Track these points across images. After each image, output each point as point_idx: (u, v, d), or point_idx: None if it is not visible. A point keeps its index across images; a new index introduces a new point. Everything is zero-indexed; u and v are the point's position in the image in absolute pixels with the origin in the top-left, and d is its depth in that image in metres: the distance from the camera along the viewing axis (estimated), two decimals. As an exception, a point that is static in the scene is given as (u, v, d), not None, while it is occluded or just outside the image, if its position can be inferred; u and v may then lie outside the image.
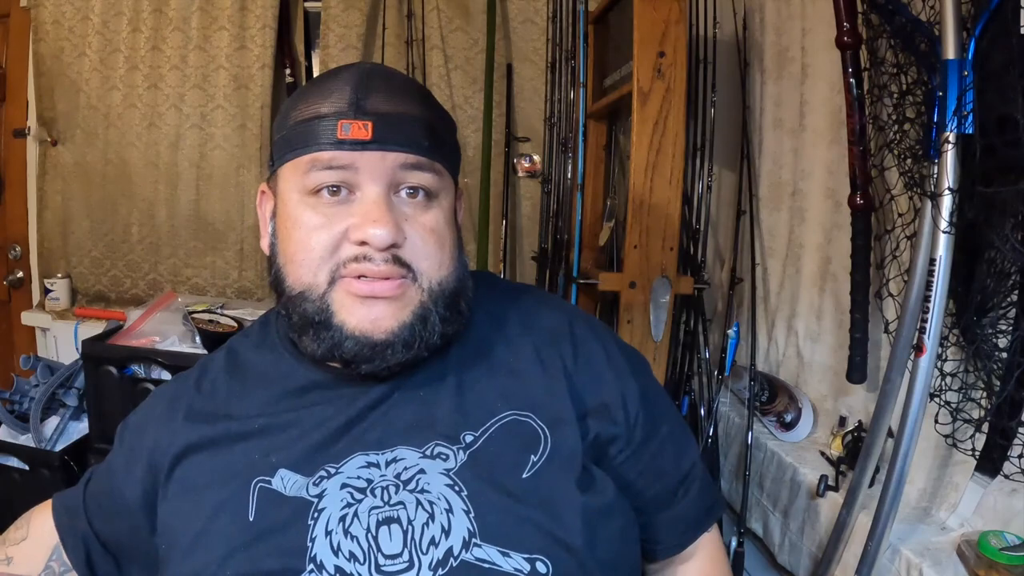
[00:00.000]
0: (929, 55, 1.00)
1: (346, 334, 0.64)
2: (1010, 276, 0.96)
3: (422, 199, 0.66)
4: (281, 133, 0.69)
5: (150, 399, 0.78)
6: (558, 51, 1.92)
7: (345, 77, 0.66)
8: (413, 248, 0.65)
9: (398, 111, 0.65)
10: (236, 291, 2.34)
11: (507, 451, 0.65)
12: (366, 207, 0.63)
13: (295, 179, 0.66)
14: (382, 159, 0.63)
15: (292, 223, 0.65)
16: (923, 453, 1.11)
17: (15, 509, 0.81)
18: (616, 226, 1.66)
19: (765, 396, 1.55)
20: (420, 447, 0.65)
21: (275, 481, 0.65)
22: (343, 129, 0.63)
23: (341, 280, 0.64)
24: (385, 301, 0.64)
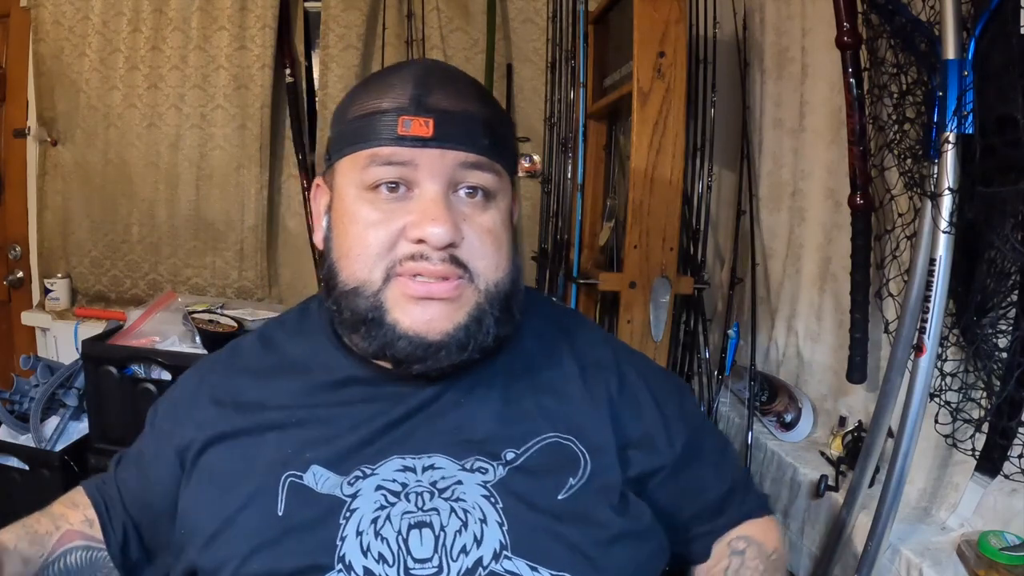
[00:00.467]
0: (929, 55, 0.99)
1: (399, 333, 0.63)
2: (1010, 276, 0.96)
3: (480, 199, 0.66)
4: (339, 127, 0.68)
5: (181, 382, 0.77)
6: (558, 51, 1.91)
7: (405, 73, 0.66)
8: (470, 248, 0.64)
9: (459, 109, 0.65)
10: (236, 291, 2.34)
11: (547, 471, 0.65)
12: (424, 205, 0.63)
13: (353, 174, 0.65)
14: (442, 157, 0.63)
15: (349, 218, 0.65)
16: (923, 453, 1.11)
17: (15, 509, 0.78)
18: (616, 226, 1.66)
19: (765, 396, 1.55)
20: (459, 459, 0.65)
21: (307, 477, 0.64)
22: (404, 125, 0.63)
23: (396, 279, 0.63)
24: (441, 302, 0.63)
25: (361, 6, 2.16)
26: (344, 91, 2.15)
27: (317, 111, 2.23)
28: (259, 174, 2.24)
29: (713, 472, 0.76)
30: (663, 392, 0.75)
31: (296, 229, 2.32)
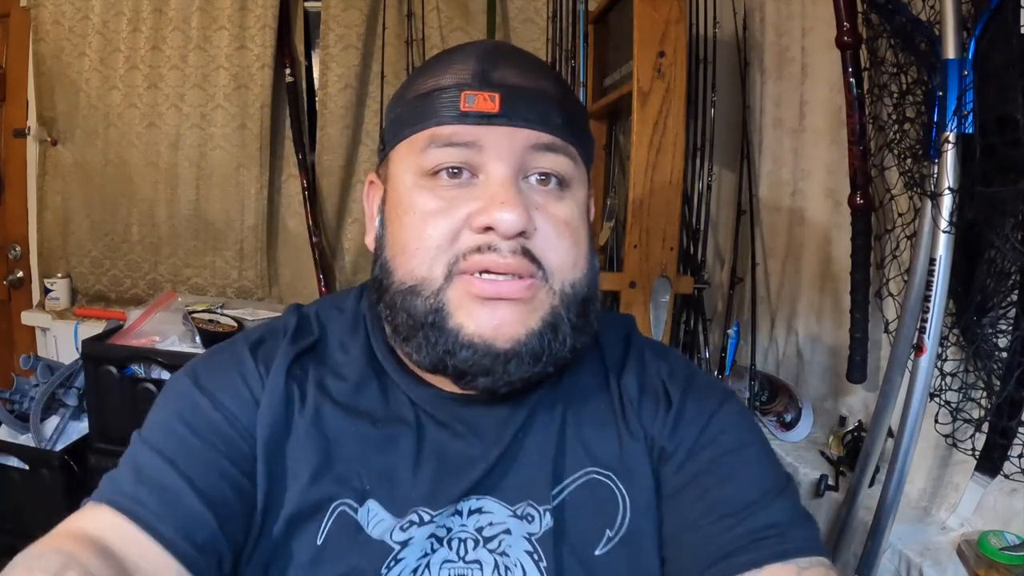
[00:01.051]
0: (929, 55, 1.00)
1: (463, 340, 0.54)
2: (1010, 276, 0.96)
3: (555, 187, 0.58)
4: (394, 112, 0.61)
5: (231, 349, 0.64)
6: (558, 51, 1.92)
7: (468, 50, 0.60)
8: (545, 240, 0.56)
9: (528, 85, 0.57)
10: (236, 291, 2.34)
11: (585, 519, 0.58)
12: (492, 189, 0.55)
13: (410, 159, 0.58)
14: (511, 136, 0.56)
15: (405, 208, 0.57)
16: (923, 453, 1.11)
17: (15, 509, 0.76)
18: (616, 226, 1.66)
19: (765, 396, 1.55)
20: (512, 504, 0.58)
21: (361, 512, 0.57)
22: (467, 100, 0.56)
23: (460, 276, 0.55)
24: (512, 303, 0.55)
25: (361, 6, 2.16)
26: (344, 91, 2.17)
27: (317, 111, 2.23)
28: (259, 174, 2.24)
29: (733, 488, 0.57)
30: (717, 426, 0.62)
31: (296, 229, 2.32)
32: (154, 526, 0.51)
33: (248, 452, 0.57)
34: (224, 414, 0.58)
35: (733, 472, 0.58)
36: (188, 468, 0.54)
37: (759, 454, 0.60)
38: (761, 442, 0.62)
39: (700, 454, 0.59)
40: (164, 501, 0.52)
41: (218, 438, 0.57)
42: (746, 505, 0.55)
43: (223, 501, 0.54)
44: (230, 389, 0.60)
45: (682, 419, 0.61)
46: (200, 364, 0.63)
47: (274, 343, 0.64)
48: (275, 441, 0.58)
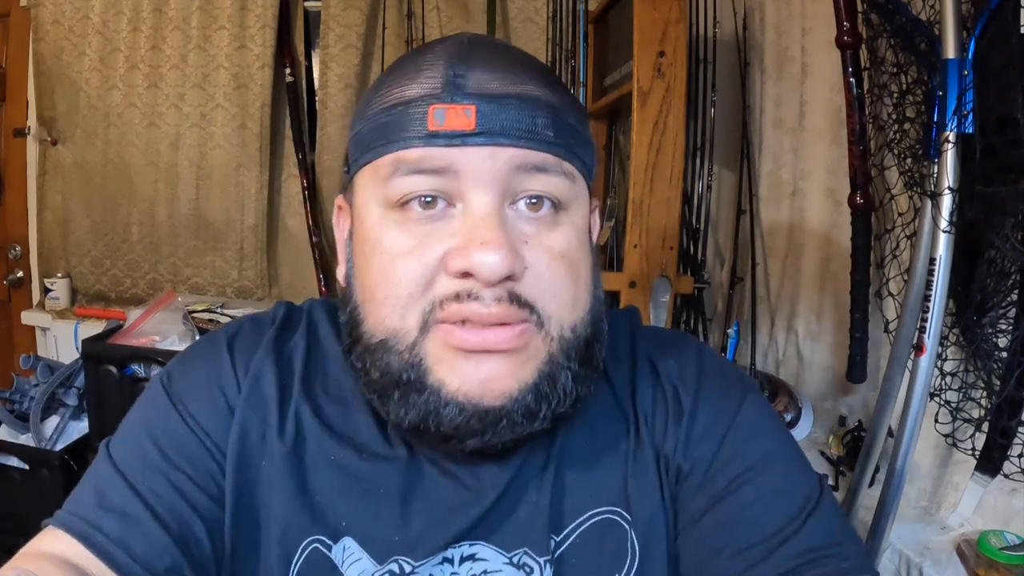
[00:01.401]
0: (929, 55, 1.00)
1: (445, 398, 0.47)
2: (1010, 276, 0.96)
3: (548, 212, 0.49)
4: (357, 128, 0.51)
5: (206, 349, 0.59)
6: (558, 51, 1.92)
7: (438, 50, 0.49)
8: (537, 280, 0.47)
9: (511, 91, 0.47)
10: (236, 291, 2.34)
11: (590, 566, 0.52)
12: (470, 224, 0.46)
13: (374, 187, 0.49)
14: (491, 157, 0.46)
15: (372, 246, 0.49)
16: (923, 453, 1.12)
17: (15, 509, 0.75)
18: (616, 226, 1.66)
19: (765, 395, 1.55)
20: (508, 552, 0.52)
21: (335, 550, 0.51)
22: (436, 117, 0.46)
23: (437, 326, 0.47)
24: (500, 355, 0.47)
25: (361, 6, 2.16)
26: (344, 91, 2.17)
27: (317, 111, 2.23)
28: (259, 174, 2.24)
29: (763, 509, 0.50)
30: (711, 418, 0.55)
31: (296, 229, 2.32)
32: (111, 555, 0.48)
33: (218, 470, 0.53)
34: (192, 427, 0.53)
35: (760, 490, 0.51)
36: (150, 493, 0.50)
37: (787, 462, 0.53)
38: (787, 444, 0.55)
39: (720, 472, 0.52)
40: (123, 528, 0.49)
41: (183, 457, 0.52)
42: (779, 529, 0.48)
43: (188, 528, 0.50)
44: (202, 394, 0.55)
45: (695, 431, 0.54)
46: (175, 366, 0.59)
47: (255, 338, 0.58)
48: (247, 463, 0.53)
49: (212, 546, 0.51)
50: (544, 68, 0.52)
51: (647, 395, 0.56)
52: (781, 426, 0.57)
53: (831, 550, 0.47)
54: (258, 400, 0.54)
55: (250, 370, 0.55)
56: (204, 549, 0.51)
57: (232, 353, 0.57)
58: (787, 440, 0.55)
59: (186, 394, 0.55)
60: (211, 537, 0.51)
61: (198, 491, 0.51)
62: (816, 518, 0.49)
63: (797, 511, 0.49)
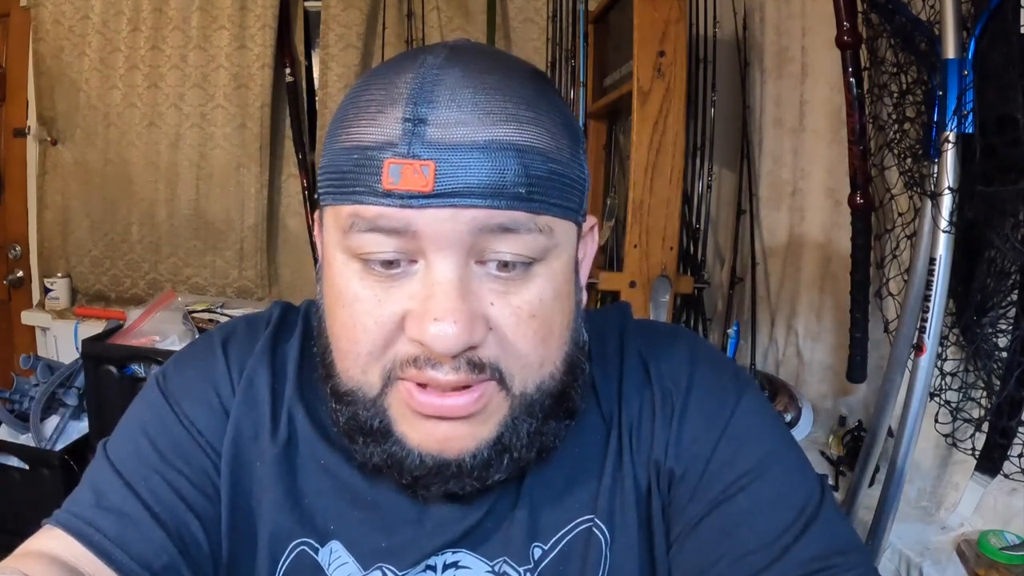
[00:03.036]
0: (929, 54, 1.00)
1: (407, 450, 0.47)
2: (1010, 276, 0.96)
3: (519, 271, 0.45)
4: (325, 155, 0.49)
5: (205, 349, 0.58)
6: (558, 50, 1.92)
7: (404, 77, 0.44)
8: (501, 342, 0.45)
9: (479, 139, 0.42)
10: (236, 290, 2.34)
11: (570, 573, 0.52)
12: (428, 290, 0.43)
13: (336, 233, 0.47)
14: (452, 219, 0.42)
15: (335, 296, 0.47)
16: (923, 453, 1.12)
17: (15, 509, 0.75)
18: (616, 225, 1.66)
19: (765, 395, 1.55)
20: (490, 560, 0.52)
21: (322, 553, 0.52)
22: (390, 174, 0.42)
23: (399, 383, 0.46)
24: (459, 419, 0.46)
25: (361, 6, 2.16)
26: (344, 91, 2.16)
27: (317, 111, 2.23)
28: (259, 173, 2.24)
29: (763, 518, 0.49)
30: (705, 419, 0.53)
31: (296, 229, 2.32)
32: (109, 552, 0.48)
33: (213, 469, 0.53)
34: (187, 427, 0.54)
35: (759, 495, 0.49)
36: (147, 491, 0.50)
37: (786, 464, 0.51)
38: (786, 445, 0.53)
39: (716, 477, 0.51)
40: (121, 527, 0.49)
41: (179, 456, 0.52)
42: (779, 535, 0.47)
43: (185, 527, 0.51)
44: (197, 395, 0.55)
45: (686, 434, 0.52)
46: (171, 366, 0.59)
47: (250, 339, 0.57)
48: (241, 463, 0.53)
49: (209, 545, 0.52)
50: (526, 94, 0.45)
51: (635, 402, 0.55)
52: (779, 425, 0.55)
53: (836, 559, 0.46)
54: (252, 402, 0.55)
55: (244, 372, 0.55)
56: (201, 548, 0.51)
57: (227, 354, 0.57)
58: (786, 440, 0.53)
59: (181, 394, 0.55)
60: (208, 536, 0.51)
61: (194, 490, 0.52)
62: (818, 524, 0.48)
63: (797, 515, 0.48)
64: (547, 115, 0.45)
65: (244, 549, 0.53)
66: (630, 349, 0.58)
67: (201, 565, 0.51)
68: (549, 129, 0.45)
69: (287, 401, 0.55)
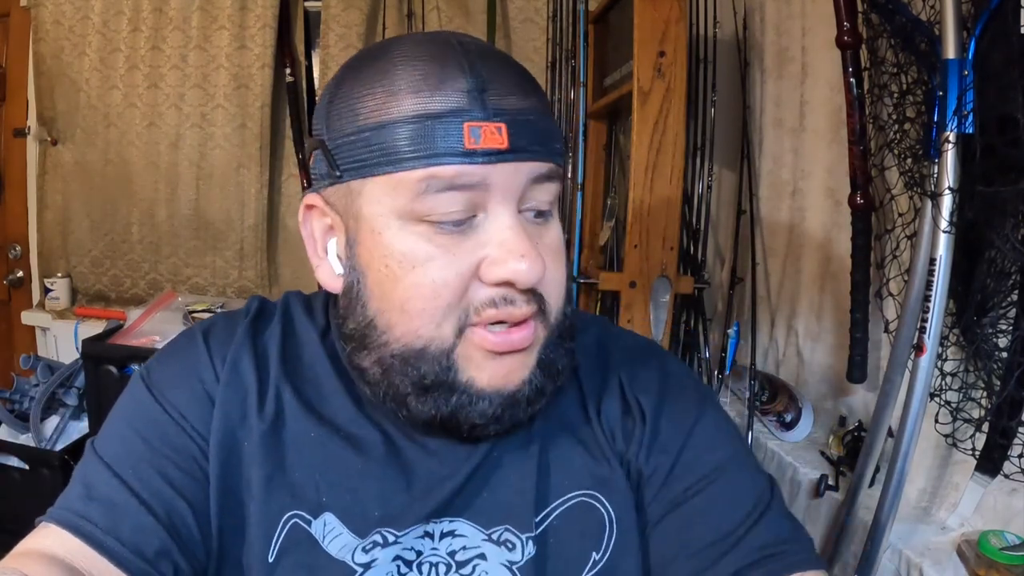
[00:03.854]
0: (929, 55, 1.00)
1: (476, 394, 0.51)
2: (1010, 276, 0.96)
3: (545, 217, 0.54)
4: (348, 135, 0.50)
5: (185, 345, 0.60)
6: (558, 50, 1.91)
7: (442, 57, 0.49)
8: (549, 277, 0.52)
9: (525, 106, 0.50)
10: (236, 290, 2.34)
11: (570, 544, 0.55)
12: (503, 235, 0.49)
13: (396, 200, 0.49)
14: (515, 172, 0.49)
15: (399, 260, 0.50)
16: (923, 453, 1.11)
17: (15, 509, 0.76)
18: (616, 226, 1.66)
19: (765, 396, 1.55)
20: (487, 528, 0.54)
21: (315, 525, 0.53)
22: (471, 135, 0.47)
23: (471, 330, 0.50)
24: (519, 352, 0.52)
25: (361, 6, 2.16)
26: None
27: (317, 111, 2.24)
28: (259, 173, 2.24)
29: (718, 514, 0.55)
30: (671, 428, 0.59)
31: (296, 229, 2.31)
32: (100, 541, 0.49)
33: (200, 454, 0.54)
34: (172, 415, 0.55)
35: (714, 497, 0.55)
36: (136, 480, 0.52)
37: (739, 470, 0.57)
38: (740, 453, 0.59)
39: (677, 480, 0.56)
40: (112, 516, 0.50)
41: (165, 443, 0.54)
42: (731, 530, 0.53)
43: (174, 512, 0.52)
44: (181, 384, 0.56)
45: (657, 440, 0.58)
46: (154, 361, 0.60)
47: (229, 329, 0.59)
48: (230, 445, 0.54)
49: (199, 528, 0.53)
50: (530, 74, 0.54)
51: (614, 410, 0.60)
52: (736, 435, 0.61)
53: (782, 546, 0.52)
54: (237, 384, 0.56)
55: (227, 358, 0.57)
56: (192, 531, 0.52)
57: (208, 344, 0.58)
58: (740, 448, 0.60)
59: (165, 385, 0.57)
60: (198, 521, 0.53)
61: (182, 475, 0.53)
62: (767, 518, 0.54)
63: (747, 513, 0.54)
64: (544, 93, 0.57)
65: (235, 531, 0.54)
66: (612, 363, 0.63)
67: (192, 550, 0.52)
68: (546, 100, 0.54)
69: (273, 380, 0.57)
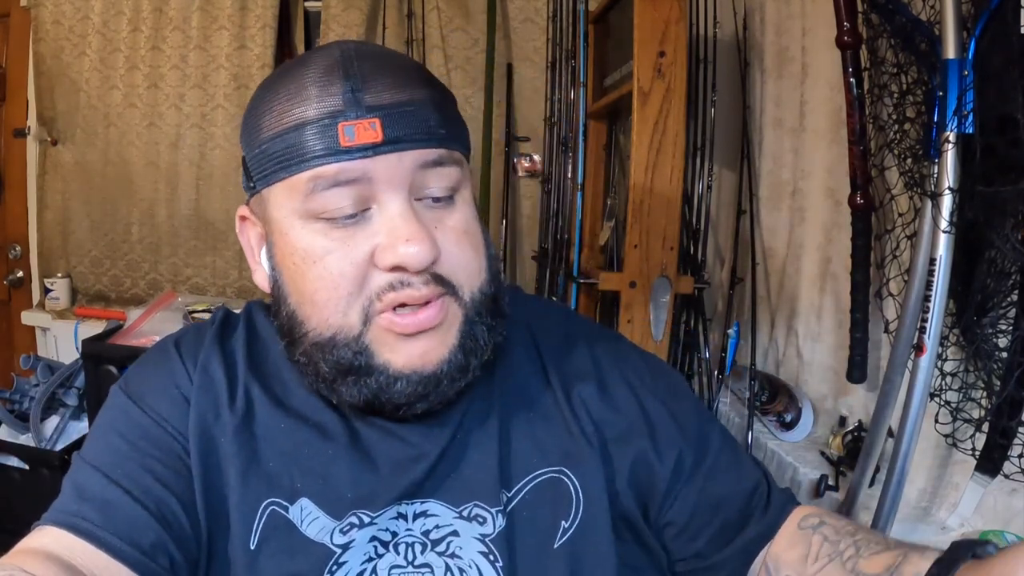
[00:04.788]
0: (929, 55, 1.00)
1: (394, 375, 0.54)
2: (1010, 276, 0.96)
3: (446, 201, 0.56)
4: (257, 148, 0.55)
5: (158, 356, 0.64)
6: (558, 51, 1.91)
7: (326, 65, 0.53)
8: (449, 259, 0.55)
9: (404, 98, 0.53)
10: (236, 290, 2.34)
11: (541, 516, 0.58)
12: (392, 223, 0.52)
13: (292, 203, 0.54)
14: (399, 162, 0.52)
15: (301, 256, 0.54)
16: (923, 453, 1.11)
17: (15, 509, 0.76)
18: (616, 226, 1.66)
19: (765, 396, 1.55)
20: (456, 506, 0.57)
21: (292, 511, 0.55)
22: (346, 133, 0.51)
23: (378, 316, 0.54)
24: (431, 331, 0.54)
25: (361, 6, 2.16)
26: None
27: (317, 111, 2.24)
28: (259, 174, 2.24)
29: (730, 477, 0.63)
30: (653, 394, 0.65)
31: (296, 229, 2.32)
32: (98, 536, 0.51)
33: (182, 451, 0.56)
34: (153, 417, 0.57)
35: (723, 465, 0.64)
36: (125, 478, 0.54)
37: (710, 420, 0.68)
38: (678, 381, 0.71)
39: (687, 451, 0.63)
40: (106, 513, 0.52)
41: (149, 443, 0.56)
42: None
43: (165, 505, 0.54)
44: (158, 390, 0.59)
45: (616, 399, 0.64)
46: (131, 372, 0.63)
47: (198, 337, 0.63)
48: (207, 441, 0.57)
49: (189, 521, 0.55)
50: (420, 68, 0.59)
51: (588, 384, 0.64)
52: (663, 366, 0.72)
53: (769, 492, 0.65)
54: (208, 384, 0.59)
55: (199, 362, 0.61)
56: (183, 524, 0.54)
57: (180, 352, 0.62)
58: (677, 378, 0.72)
59: (145, 393, 0.60)
60: (187, 513, 0.55)
61: (168, 471, 0.55)
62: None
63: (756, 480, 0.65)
64: (437, 81, 0.58)
65: (219, 523, 0.56)
66: (573, 334, 0.69)
67: (185, 542, 0.54)
68: (442, 90, 0.58)
69: (241, 379, 0.60)
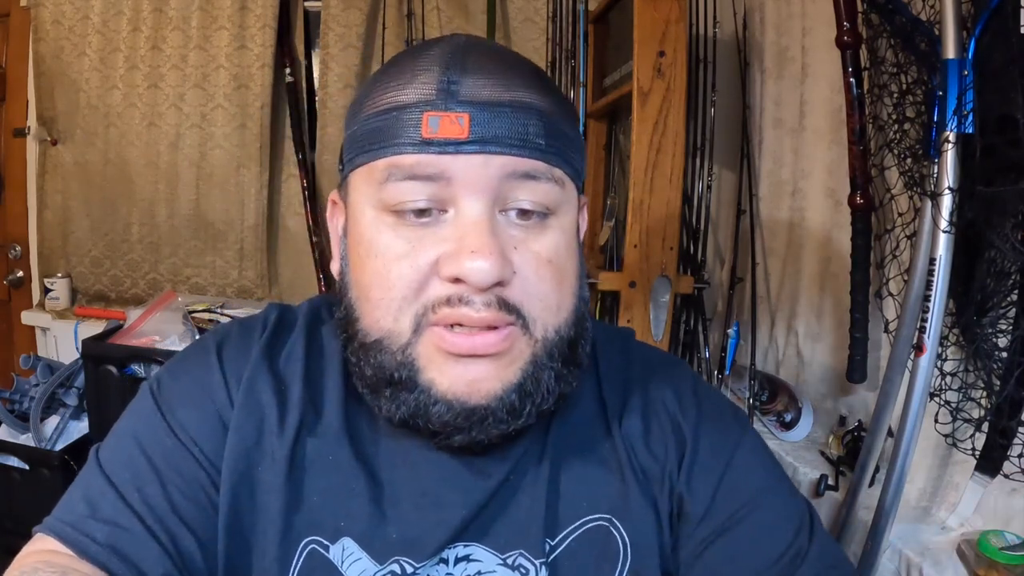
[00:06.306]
0: (929, 55, 1.00)
1: (435, 397, 0.49)
2: (1010, 276, 0.96)
3: (536, 220, 0.50)
4: (351, 129, 0.53)
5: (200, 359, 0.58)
6: (558, 50, 1.91)
7: (434, 54, 0.50)
8: (524, 285, 0.49)
9: (504, 98, 0.48)
10: (236, 290, 2.34)
11: (586, 568, 0.54)
12: (461, 230, 0.48)
13: (368, 189, 0.50)
14: (484, 165, 0.47)
15: (366, 248, 0.50)
16: (923, 453, 1.11)
17: (15, 509, 0.75)
18: (616, 225, 1.66)
19: (765, 396, 1.55)
20: (502, 553, 0.53)
21: (333, 550, 0.52)
22: (429, 124, 0.47)
23: (430, 329, 0.49)
24: (487, 359, 0.49)
25: (361, 6, 2.16)
26: (344, 91, 2.16)
27: (317, 111, 2.23)
28: (259, 173, 2.24)
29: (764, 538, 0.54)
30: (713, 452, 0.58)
31: (296, 229, 2.32)
32: (102, 562, 0.48)
33: (207, 480, 0.53)
34: (181, 438, 0.54)
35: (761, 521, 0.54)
36: (140, 503, 0.51)
37: (780, 494, 0.57)
38: (780, 477, 0.59)
39: (720, 507, 0.55)
40: (115, 537, 0.49)
41: (172, 469, 0.52)
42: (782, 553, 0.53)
43: (179, 540, 0.51)
44: (192, 404, 0.55)
45: (697, 464, 0.56)
46: (165, 372, 0.59)
47: (244, 345, 0.58)
48: (242, 473, 0.53)
49: (204, 559, 0.52)
50: (538, 72, 0.53)
51: (637, 424, 0.58)
52: (773, 459, 0.61)
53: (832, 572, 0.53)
54: (253, 406, 0.55)
55: (243, 379, 0.55)
56: (196, 562, 0.51)
57: (221, 362, 0.57)
58: (779, 473, 0.59)
59: (176, 402, 0.55)
60: (203, 551, 0.52)
61: (189, 503, 0.52)
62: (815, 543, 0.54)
63: (795, 535, 0.54)
64: (555, 90, 0.53)
65: (244, 559, 0.52)
66: (636, 375, 0.61)
67: (200, 573, 0.52)
68: (558, 101, 0.52)
69: (294, 402, 0.55)
